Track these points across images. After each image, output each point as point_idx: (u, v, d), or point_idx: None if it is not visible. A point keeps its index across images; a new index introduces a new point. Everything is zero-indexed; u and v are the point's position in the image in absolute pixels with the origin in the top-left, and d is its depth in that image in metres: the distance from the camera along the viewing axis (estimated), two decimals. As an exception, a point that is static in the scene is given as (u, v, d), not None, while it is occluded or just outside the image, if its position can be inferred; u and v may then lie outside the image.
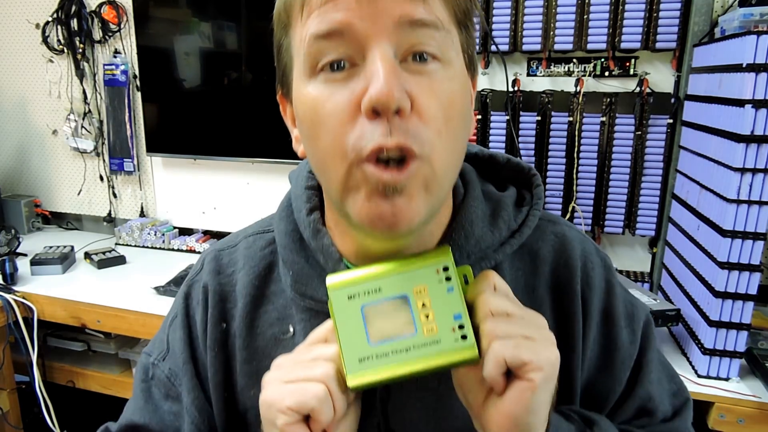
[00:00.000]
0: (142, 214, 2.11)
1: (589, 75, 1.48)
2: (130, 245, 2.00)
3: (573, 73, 1.49)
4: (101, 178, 2.12)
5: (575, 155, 1.48)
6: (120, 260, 1.81)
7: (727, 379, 1.15)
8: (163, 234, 1.97)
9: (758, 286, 1.07)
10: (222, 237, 2.25)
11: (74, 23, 1.96)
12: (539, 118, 1.49)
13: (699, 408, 1.16)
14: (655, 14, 1.37)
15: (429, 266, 0.48)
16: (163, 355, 0.62)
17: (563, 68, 1.50)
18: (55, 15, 1.97)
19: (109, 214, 2.15)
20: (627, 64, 1.45)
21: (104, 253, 1.83)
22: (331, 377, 0.45)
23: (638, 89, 1.43)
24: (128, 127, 2.01)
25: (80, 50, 1.97)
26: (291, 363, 0.48)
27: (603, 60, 1.46)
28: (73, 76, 2.03)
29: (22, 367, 1.66)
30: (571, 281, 0.56)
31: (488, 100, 1.51)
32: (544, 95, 1.49)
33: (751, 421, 1.10)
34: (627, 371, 0.59)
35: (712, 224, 1.12)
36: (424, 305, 0.46)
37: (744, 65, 1.01)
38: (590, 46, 1.43)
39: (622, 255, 1.59)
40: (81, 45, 1.97)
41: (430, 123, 0.44)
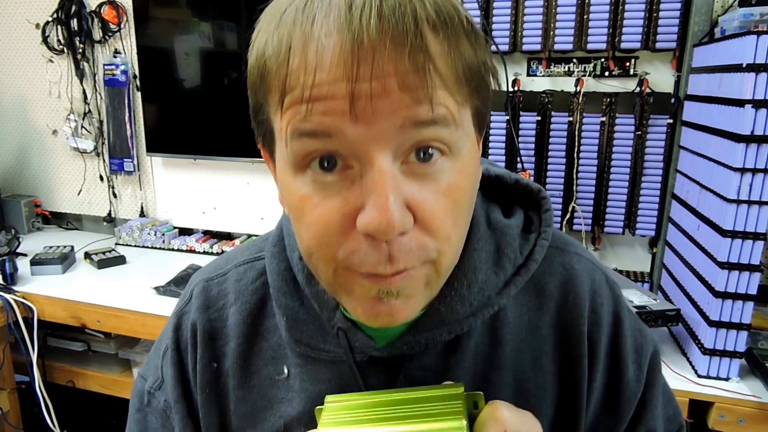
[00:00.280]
0: (142, 214, 2.11)
1: (589, 75, 1.48)
2: (130, 245, 2.00)
3: (573, 73, 1.49)
4: (101, 178, 2.12)
5: (575, 155, 1.48)
6: (120, 260, 1.81)
7: (727, 379, 1.15)
8: (163, 234, 1.97)
9: (758, 286, 1.07)
10: (222, 237, 2.23)
11: (74, 23, 1.96)
12: (539, 118, 1.49)
13: (699, 408, 1.16)
14: (655, 14, 1.37)
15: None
16: (159, 384, 0.60)
17: (563, 68, 1.50)
18: (55, 15, 1.97)
19: (109, 214, 2.15)
20: (627, 64, 1.45)
21: (104, 253, 1.83)
22: None
23: (638, 89, 1.43)
24: (128, 127, 2.01)
25: (80, 50, 1.97)
26: None
27: (603, 60, 1.46)
28: (73, 76, 2.03)
29: (22, 367, 1.66)
30: (578, 321, 0.53)
31: (488, 100, 1.51)
32: (544, 95, 1.49)
33: (751, 421, 1.10)
34: (631, 410, 0.57)
35: (712, 224, 1.12)
36: None
37: (744, 65, 1.01)
38: (590, 46, 1.43)
39: (622, 255, 1.59)
40: (81, 45, 1.97)
41: (437, 233, 0.39)
